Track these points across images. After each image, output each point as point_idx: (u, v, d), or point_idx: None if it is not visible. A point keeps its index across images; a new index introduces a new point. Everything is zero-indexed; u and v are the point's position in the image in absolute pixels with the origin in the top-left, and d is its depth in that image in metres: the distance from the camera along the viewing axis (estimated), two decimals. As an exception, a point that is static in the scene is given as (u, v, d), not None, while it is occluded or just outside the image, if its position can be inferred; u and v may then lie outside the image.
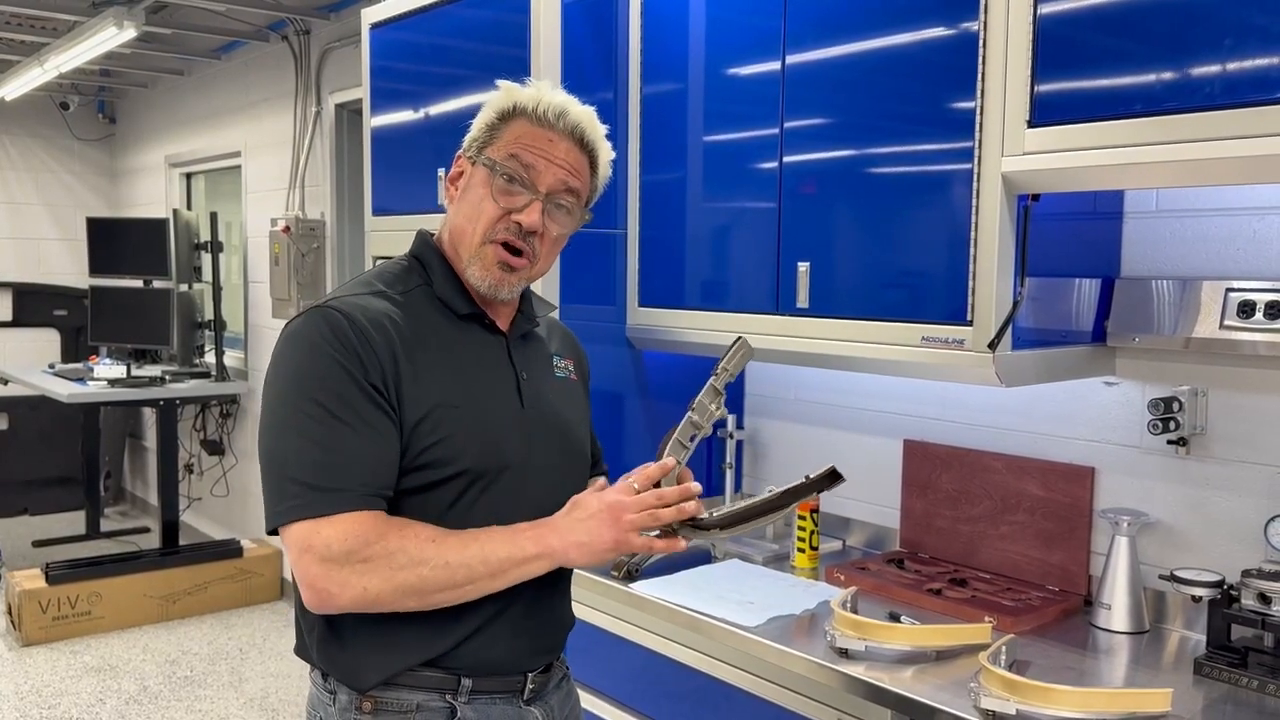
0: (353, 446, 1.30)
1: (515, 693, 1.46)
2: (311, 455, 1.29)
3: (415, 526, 1.32)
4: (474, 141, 1.45)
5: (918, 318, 1.99)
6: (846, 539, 2.63)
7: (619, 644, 2.25)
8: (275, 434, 1.33)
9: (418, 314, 1.42)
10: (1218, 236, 1.98)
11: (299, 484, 1.28)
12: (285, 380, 1.34)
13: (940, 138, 1.94)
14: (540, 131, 1.42)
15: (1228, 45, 1.55)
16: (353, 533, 1.27)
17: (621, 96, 2.57)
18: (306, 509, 1.28)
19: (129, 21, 4.35)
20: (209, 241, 5.40)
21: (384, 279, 1.46)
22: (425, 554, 1.30)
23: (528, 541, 1.35)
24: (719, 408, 1.52)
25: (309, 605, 1.32)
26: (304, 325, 1.36)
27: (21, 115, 6.83)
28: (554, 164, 1.42)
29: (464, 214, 1.44)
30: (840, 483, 1.52)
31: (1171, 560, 2.03)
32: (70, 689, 4.20)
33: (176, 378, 5.32)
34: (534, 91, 1.44)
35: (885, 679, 1.74)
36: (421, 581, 1.29)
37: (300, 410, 1.30)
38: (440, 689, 1.40)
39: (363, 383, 1.31)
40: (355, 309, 1.36)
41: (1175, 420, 1.97)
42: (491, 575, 1.33)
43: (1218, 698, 1.72)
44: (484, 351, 1.47)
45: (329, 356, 1.31)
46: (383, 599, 1.29)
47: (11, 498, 6.69)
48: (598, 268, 2.58)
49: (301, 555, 1.28)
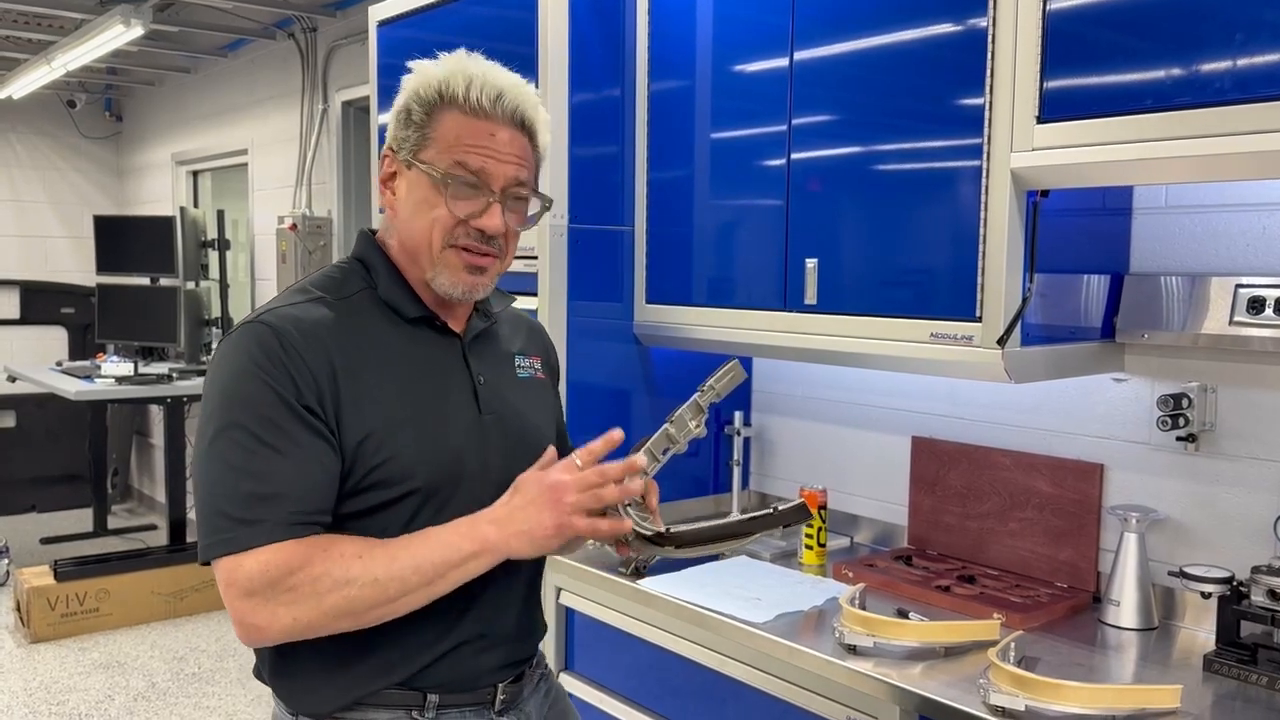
0: (280, 473, 1.22)
1: (485, 704, 1.40)
2: (236, 485, 1.22)
3: (341, 544, 1.24)
4: (403, 141, 1.34)
5: (926, 314, 1.98)
6: (854, 536, 2.63)
7: (626, 640, 2.25)
8: (203, 462, 1.25)
9: (360, 321, 1.33)
10: (1227, 232, 1.98)
11: (222, 516, 1.22)
12: (213, 404, 1.26)
13: (949, 134, 1.93)
14: (478, 125, 1.31)
15: (1238, 40, 1.54)
16: (274, 563, 1.20)
17: (629, 93, 2.57)
18: (230, 544, 1.21)
19: (136, 19, 4.36)
20: (216, 239, 5.41)
21: (323, 285, 1.36)
22: (351, 573, 1.22)
23: (463, 540, 1.27)
24: (699, 426, 1.46)
25: (241, 640, 1.26)
26: (233, 344, 1.28)
27: (29, 113, 6.85)
28: (502, 161, 1.31)
29: (415, 224, 1.34)
30: (808, 519, 1.48)
31: (1181, 557, 2.02)
32: (79, 686, 4.22)
33: (183, 375, 5.33)
34: (457, 72, 1.32)
35: (894, 675, 1.74)
36: (350, 603, 1.22)
37: (227, 437, 1.23)
38: (405, 706, 1.34)
39: (293, 404, 1.24)
40: (288, 321, 1.28)
41: (1184, 417, 1.96)
42: (428, 583, 1.25)
43: (1227, 694, 1.71)
44: (436, 356, 1.38)
45: (256, 377, 1.24)
46: (314, 625, 1.23)
47: (19, 495, 6.71)
48: (605, 265, 2.58)
49: (226, 590, 1.22)
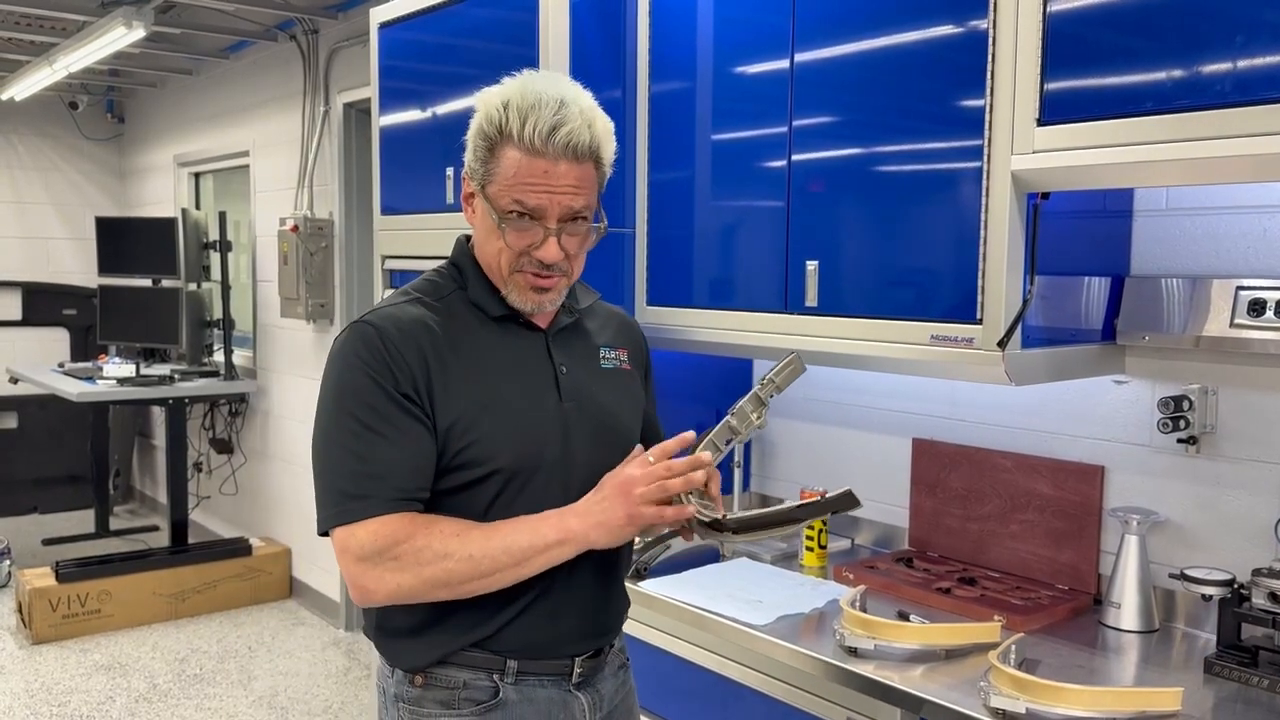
0: (385, 455, 1.38)
1: (563, 676, 1.50)
2: (348, 465, 1.39)
3: (442, 523, 1.39)
4: (474, 171, 1.44)
5: (927, 316, 1.98)
6: (855, 538, 2.63)
7: (628, 642, 2.25)
8: (320, 446, 1.43)
9: (452, 319, 1.47)
10: (1228, 234, 1.98)
11: (338, 492, 1.39)
12: (327, 396, 1.43)
13: (950, 136, 1.93)
14: (536, 163, 1.38)
15: (1239, 43, 1.54)
16: (382, 534, 1.36)
17: (630, 95, 2.57)
18: (343, 515, 1.38)
19: (138, 21, 4.36)
20: (217, 241, 5.41)
21: (421, 288, 1.51)
22: (449, 548, 1.36)
23: (549, 529, 1.40)
24: (760, 418, 1.53)
25: (354, 600, 1.42)
26: (342, 343, 1.44)
27: (30, 115, 6.85)
28: (557, 194, 1.39)
29: (487, 248, 1.47)
30: (857, 506, 1.50)
31: (1181, 559, 2.02)
32: (80, 687, 4.22)
33: (185, 376, 5.34)
34: (515, 105, 1.38)
35: (894, 678, 1.74)
36: (448, 574, 1.37)
37: (339, 424, 1.40)
38: (487, 669, 1.46)
39: (393, 393, 1.38)
40: (388, 320, 1.43)
41: (1185, 419, 1.96)
42: (516, 564, 1.38)
43: (1228, 697, 1.71)
44: (520, 349, 1.50)
45: (362, 371, 1.39)
46: (415, 592, 1.38)
47: (21, 496, 6.72)
48: (605, 266, 2.58)
49: (341, 555, 1.39)
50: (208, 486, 6.14)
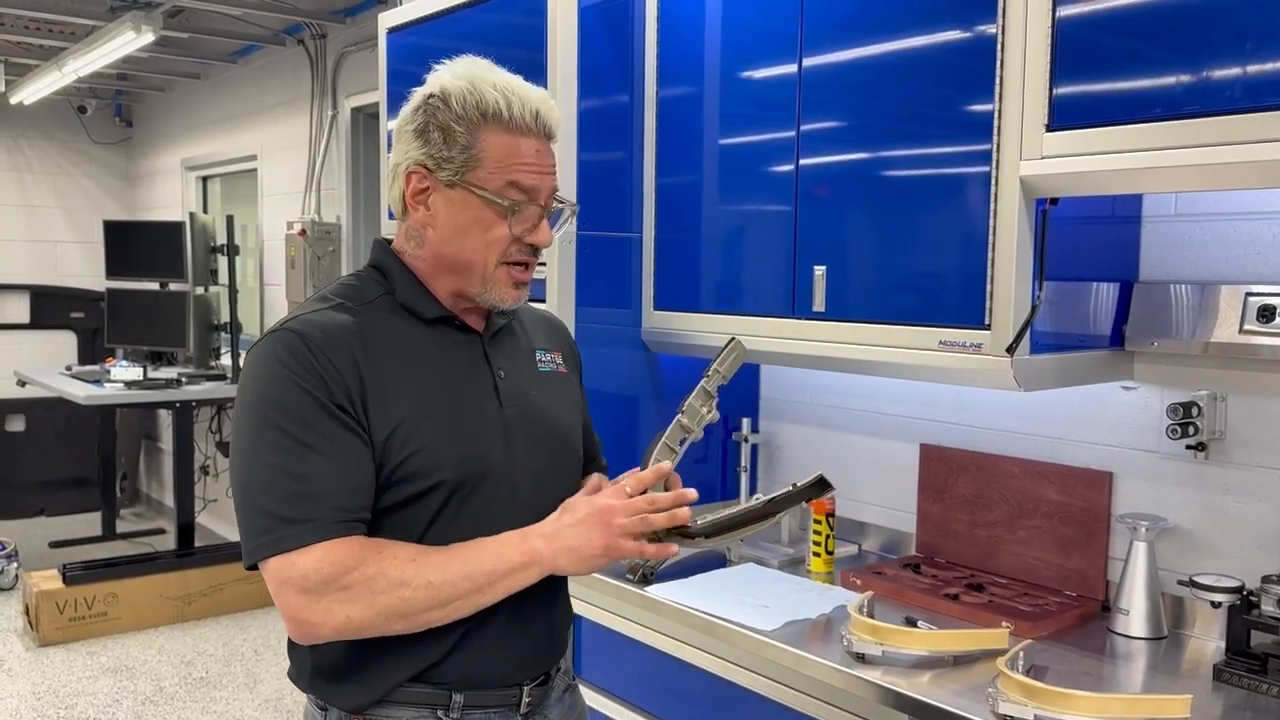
0: (322, 471, 1.25)
1: (510, 707, 1.42)
2: (281, 485, 1.25)
3: (394, 547, 1.28)
4: (445, 161, 1.34)
5: (935, 321, 1.98)
6: (862, 543, 2.62)
7: (633, 647, 2.25)
8: (243, 466, 1.29)
9: (381, 324, 1.36)
10: (1237, 240, 1.97)
11: (270, 516, 1.24)
12: (248, 409, 1.29)
13: (958, 141, 1.93)
14: (523, 142, 1.34)
15: (1249, 48, 1.54)
16: (329, 560, 1.23)
17: (638, 100, 2.57)
18: (280, 543, 1.23)
19: (147, 26, 4.38)
20: (225, 244, 5.42)
21: (341, 292, 1.40)
22: (405, 575, 1.25)
23: (513, 551, 1.31)
24: (710, 411, 1.48)
25: (294, 638, 1.30)
26: (261, 351, 1.31)
27: (39, 119, 6.88)
28: (545, 174, 1.36)
29: (466, 243, 1.36)
30: (830, 491, 1.48)
31: (1190, 566, 2.01)
32: (87, 689, 4.22)
33: (192, 380, 5.34)
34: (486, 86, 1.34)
35: (902, 684, 1.73)
36: (404, 604, 1.25)
37: (266, 440, 1.26)
38: (431, 704, 1.36)
39: (326, 403, 1.27)
40: (313, 326, 1.31)
41: (1194, 425, 1.96)
42: (478, 590, 1.29)
43: (1237, 704, 1.71)
44: (457, 354, 1.42)
45: (288, 380, 1.27)
46: (367, 625, 1.26)
47: (28, 499, 6.73)
48: (613, 271, 2.58)
49: (280, 589, 1.24)
50: (214, 490, 6.15)
